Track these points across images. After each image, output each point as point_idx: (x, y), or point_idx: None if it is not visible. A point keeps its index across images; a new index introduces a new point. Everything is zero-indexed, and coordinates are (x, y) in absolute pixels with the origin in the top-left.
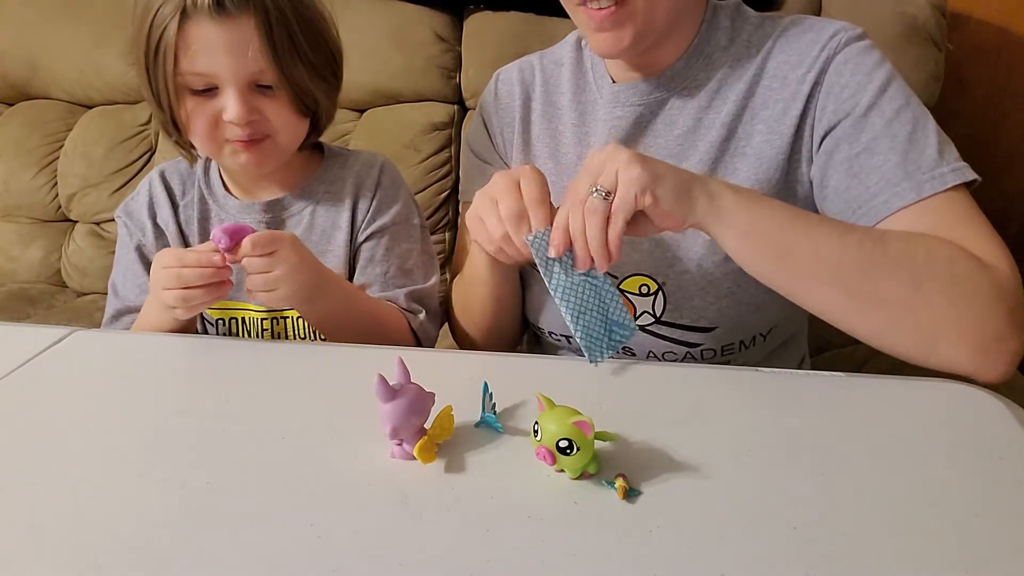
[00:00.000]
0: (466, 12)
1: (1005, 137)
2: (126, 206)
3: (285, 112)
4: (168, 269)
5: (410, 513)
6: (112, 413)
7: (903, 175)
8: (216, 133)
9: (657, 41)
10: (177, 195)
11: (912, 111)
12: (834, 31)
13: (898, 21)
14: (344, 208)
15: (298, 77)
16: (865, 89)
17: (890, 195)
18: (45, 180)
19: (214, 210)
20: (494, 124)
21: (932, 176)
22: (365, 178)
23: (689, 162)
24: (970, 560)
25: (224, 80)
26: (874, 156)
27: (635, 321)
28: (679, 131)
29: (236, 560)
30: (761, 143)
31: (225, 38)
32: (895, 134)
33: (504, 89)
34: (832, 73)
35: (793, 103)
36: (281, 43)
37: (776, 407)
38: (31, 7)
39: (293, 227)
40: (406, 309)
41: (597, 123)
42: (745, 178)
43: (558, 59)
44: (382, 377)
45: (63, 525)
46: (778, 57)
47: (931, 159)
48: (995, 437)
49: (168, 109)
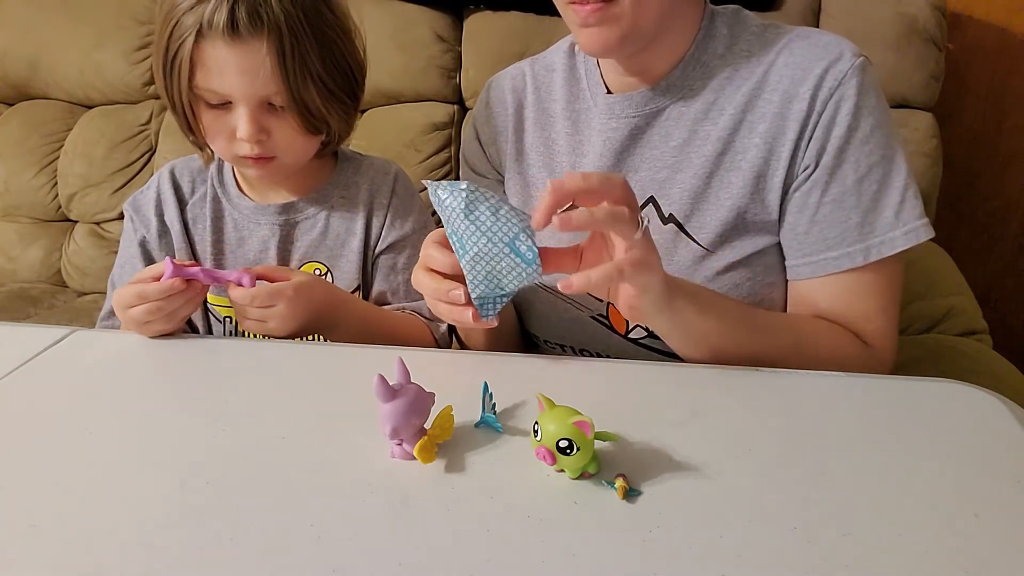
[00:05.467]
0: (466, 12)
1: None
2: (134, 200)
3: (293, 133)
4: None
5: (410, 513)
6: (112, 413)
7: (858, 236)
8: (231, 146)
9: (648, 45)
10: (185, 193)
11: (884, 167)
12: (839, 53)
13: (898, 21)
14: (359, 216)
15: (309, 100)
16: (850, 138)
17: (841, 254)
18: (45, 180)
19: (227, 210)
20: (485, 135)
21: (883, 240)
22: (380, 186)
23: (684, 175)
24: (970, 560)
25: (236, 99)
26: (839, 210)
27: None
28: (674, 143)
29: (236, 560)
30: (756, 158)
31: (238, 60)
32: (862, 192)
33: (495, 98)
34: (831, 107)
35: (791, 122)
36: (294, 67)
37: (776, 407)
38: (31, 7)
39: (307, 231)
40: (429, 319)
41: (591, 132)
42: (738, 191)
43: (549, 65)
44: (382, 377)
45: (63, 525)
46: (781, 71)
47: (888, 221)
48: (995, 437)
49: (184, 116)
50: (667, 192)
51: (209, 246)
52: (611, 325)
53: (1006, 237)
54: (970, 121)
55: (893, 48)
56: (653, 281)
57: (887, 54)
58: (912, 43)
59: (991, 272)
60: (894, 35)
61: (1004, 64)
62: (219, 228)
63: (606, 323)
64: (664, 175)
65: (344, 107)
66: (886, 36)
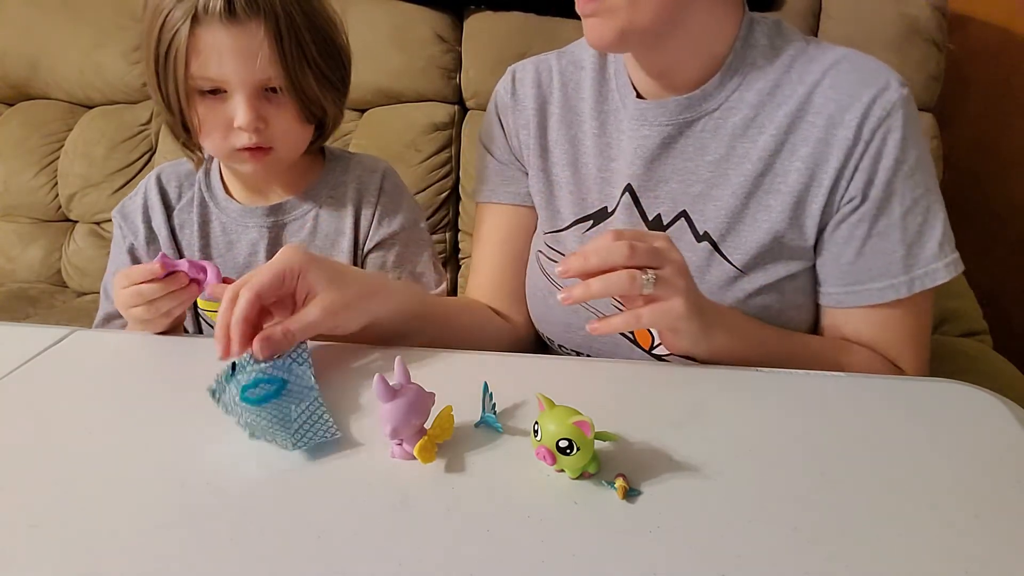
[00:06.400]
0: (466, 12)
1: (1006, 138)
2: (123, 207)
3: (290, 120)
4: (125, 290)
5: (410, 513)
6: (112, 413)
7: (902, 268)
8: (227, 138)
9: (660, 44)
10: (172, 199)
11: (927, 200)
12: (887, 82)
13: (899, 22)
14: (348, 214)
15: (306, 84)
16: (898, 170)
17: (885, 286)
18: (45, 180)
19: (215, 213)
20: (511, 124)
21: (926, 272)
22: (368, 183)
23: (721, 191)
24: (970, 560)
25: (233, 85)
26: (884, 242)
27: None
28: (711, 157)
29: (236, 560)
30: (797, 183)
31: (235, 44)
32: (907, 226)
33: (521, 89)
34: (878, 138)
35: (834, 149)
36: (291, 50)
37: (776, 407)
38: (31, 7)
39: (296, 231)
40: None
41: (621, 136)
42: (777, 215)
43: (577, 60)
44: (382, 377)
45: (63, 525)
46: (826, 93)
47: (931, 253)
48: (995, 437)
49: (179, 112)
50: (701, 208)
51: (197, 251)
52: (635, 339)
53: (1007, 238)
54: (971, 122)
55: (894, 49)
56: (678, 322)
57: (888, 55)
58: (913, 44)
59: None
60: (895, 36)
61: (1005, 65)
62: (206, 233)
63: (630, 337)
64: (698, 189)
65: (336, 93)
66: (887, 36)
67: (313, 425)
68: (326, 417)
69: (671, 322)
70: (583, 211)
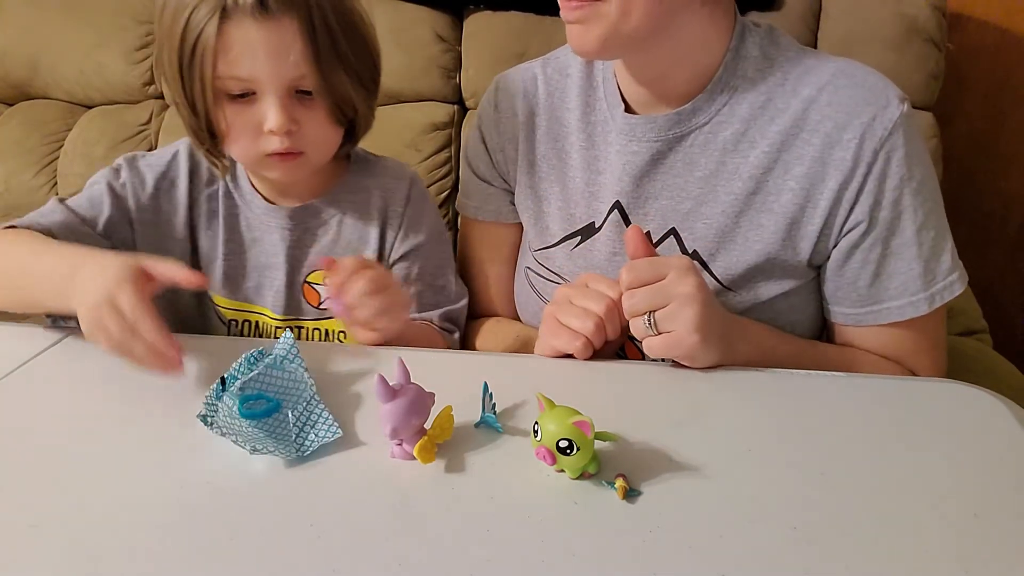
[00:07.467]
0: (466, 12)
1: (1005, 137)
2: (135, 159)
3: (322, 122)
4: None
5: (410, 513)
6: (111, 413)
7: (921, 286)
8: (257, 143)
9: (643, 49)
10: (202, 179)
11: (937, 213)
12: (887, 99)
13: (898, 21)
14: (372, 222)
15: (339, 83)
16: (905, 188)
17: (905, 304)
18: (45, 180)
19: (241, 208)
20: (494, 140)
21: (944, 286)
22: (394, 191)
23: (710, 209)
24: (970, 560)
25: (264, 85)
26: (900, 261)
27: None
28: (701, 173)
29: (235, 560)
30: (791, 203)
31: (267, 40)
32: (922, 241)
33: (504, 101)
34: (882, 159)
35: (831, 170)
36: (324, 47)
37: (776, 407)
38: (32, 7)
39: (318, 238)
40: (441, 328)
41: (608, 150)
42: (769, 235)
43: (563, 67)
44: (382, 377)
45: (63, 525)
46: (823, 111)
47: (947, 266)
48: (995, 437)
49: (204, 116)
50: (691, 226)
51: (221, 244)
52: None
53: (1006, 237)
54: (970, 121)
55: (893, 48)
56: (690, 352)
57: (887, 54)
58: (912, 43)
59: (991, 271)
60: (894, 35)
61: (1004, 64)
62: (232, 226)
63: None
64: (688, 206)
65: (367, 93)
66: (886, 36)
67: (315, 425)
68: (325, 415)
69: (681, 353)
70: (571, 227)
